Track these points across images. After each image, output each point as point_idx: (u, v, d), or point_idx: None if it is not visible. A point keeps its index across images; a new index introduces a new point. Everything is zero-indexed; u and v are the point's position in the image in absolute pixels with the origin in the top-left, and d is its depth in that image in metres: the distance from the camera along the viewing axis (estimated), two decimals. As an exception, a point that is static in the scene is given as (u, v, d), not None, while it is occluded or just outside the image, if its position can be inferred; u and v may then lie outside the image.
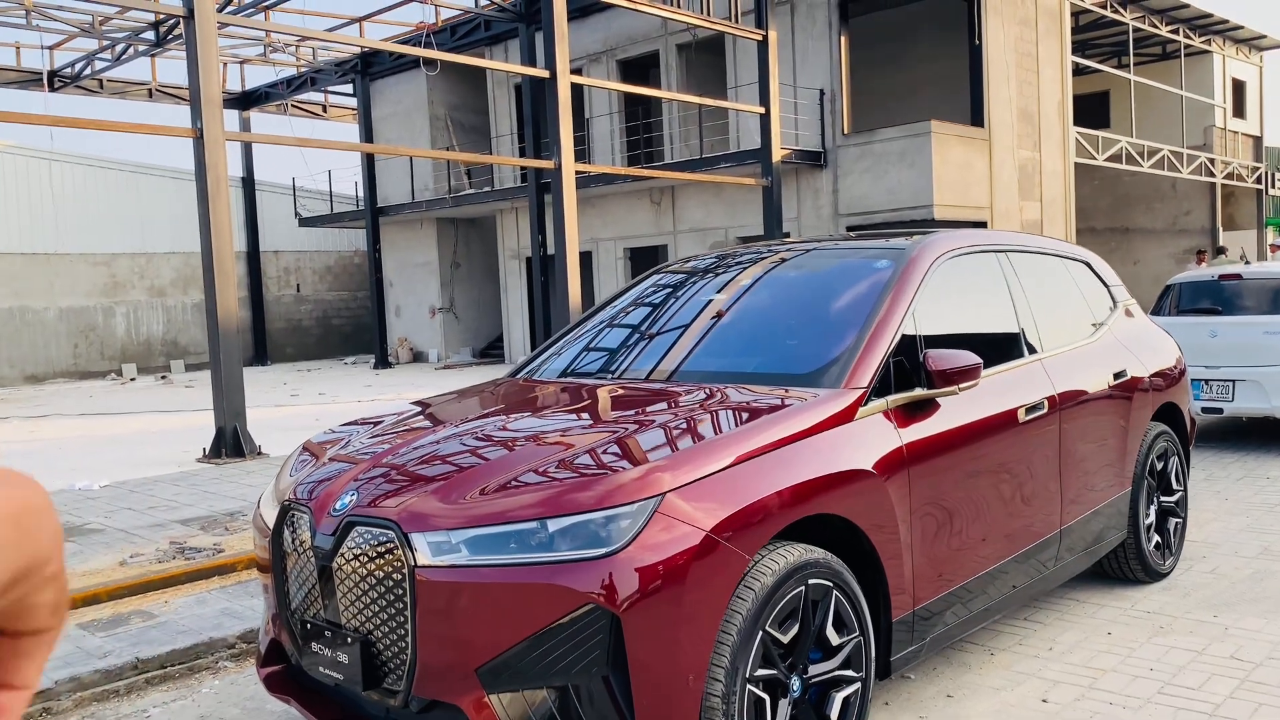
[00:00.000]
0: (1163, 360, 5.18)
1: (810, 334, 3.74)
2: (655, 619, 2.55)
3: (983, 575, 3.68)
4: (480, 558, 2.65)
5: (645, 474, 2.68)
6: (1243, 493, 6.88)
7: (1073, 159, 20.00)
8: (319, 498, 3.00)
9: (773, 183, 15.01)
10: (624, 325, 4.34)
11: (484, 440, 3.18)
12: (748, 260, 4.41)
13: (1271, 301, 8.51)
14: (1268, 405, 8.09)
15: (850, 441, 3.17)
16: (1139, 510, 4.81)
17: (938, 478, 3.42)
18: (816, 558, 2.92)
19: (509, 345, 23.29)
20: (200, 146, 8.91)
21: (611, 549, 2.55)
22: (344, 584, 2.84)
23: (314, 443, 3.66)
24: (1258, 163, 29.28)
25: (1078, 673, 3.90)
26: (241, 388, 9.33)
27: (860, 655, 3.07)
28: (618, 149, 20.38)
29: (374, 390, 17.21)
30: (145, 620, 4.73)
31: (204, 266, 9.10)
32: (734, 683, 2.67)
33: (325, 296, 28.24)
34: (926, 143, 15.84)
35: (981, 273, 4.23)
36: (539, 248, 19.56)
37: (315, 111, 26.44)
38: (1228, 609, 4.56)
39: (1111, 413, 4.58)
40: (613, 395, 3.51)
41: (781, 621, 2.82)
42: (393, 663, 2.77)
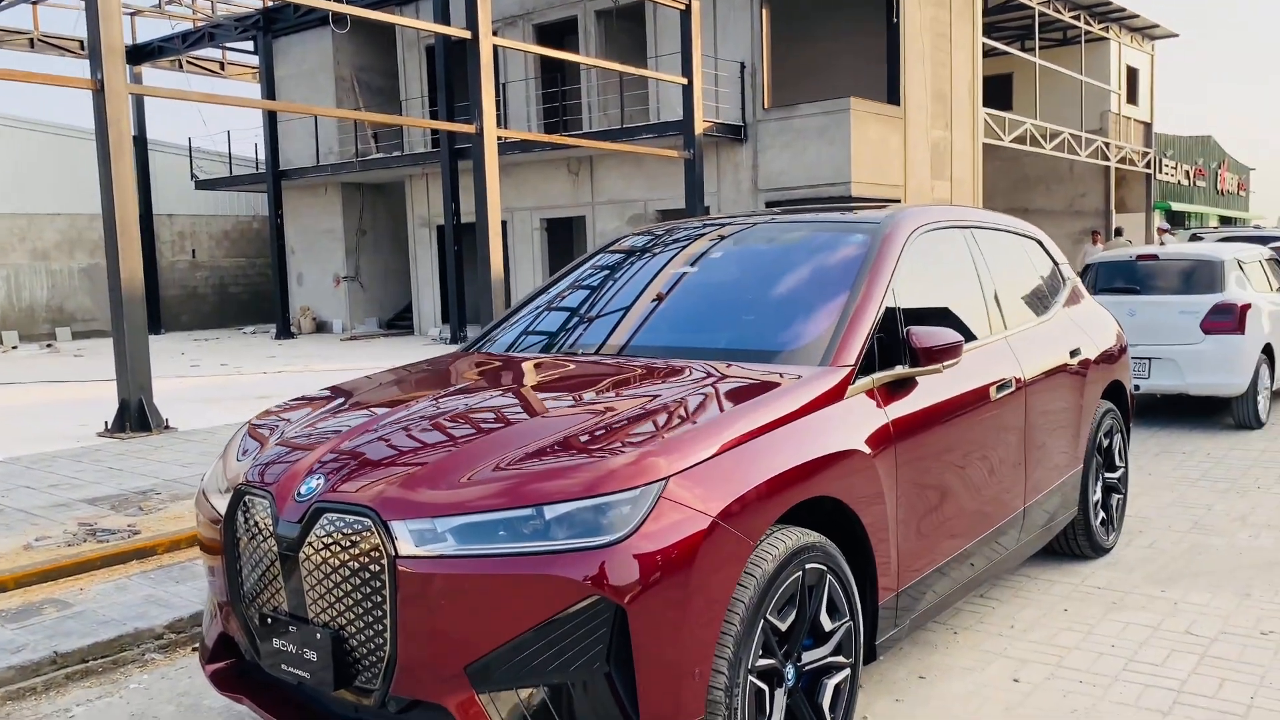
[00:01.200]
0: (1109, 339, 5.24)
1: (791, 309, 3.61)
2: (662, 610, 2.40)
3: (959, 554, 3.64)
4: (469, 547, 2.45)
5: (647, 457, 2.52)
6: (1164, 467, 7.08)
7: (981, 139, 20.43)
8: (280, 481, 2.75)
9: (695, 155, 14.89)
10: (589, 297, 4.14)
11: (461, 420, 2.96)
12: (715, 232, 4.25)
13: (1185, 281, 8.78)
14: (1182, 382, 8.35)
15: (842, 420, 3.06)
16: (1088, 487, 4.86)
17: (919, 456, 3.35)
18: (813, 541, 2.81)
19: (418, 315, 22.74)
20: (101, 100, 8.30)
21: (616, 537, 2.38)
22: (312, 575, 2.60)
23: (261, 421, 3.38)
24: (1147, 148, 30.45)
25: (1043, 651, 3.91)
26: (147, 358, 8.79)
27: (850, 640, 2.98)
28: (533, 116, 19.97)
29: (279, 361, 16.58)
30: (60, 610, 4.37)
31: (105, 230, 8.52)
32: (737, 674, 2.54)
33: (222, 263, 27.11)
34: (845, 119, 15.92)
35: (951, 249, 4.17)
36: (452, 215, 19.08)
37: (212, 69, 25.24)
38: (1173, 583, 4.64)
39: (1069, 390, 4.60)
40: (592, 372, 3.33)
41: (780, 608, 2.71)
42: (367, 660, 2.55)
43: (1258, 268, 9.26)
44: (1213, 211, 38.39)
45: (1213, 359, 8.24)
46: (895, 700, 3.52)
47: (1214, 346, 8.24)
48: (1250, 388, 8.26)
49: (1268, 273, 9.48)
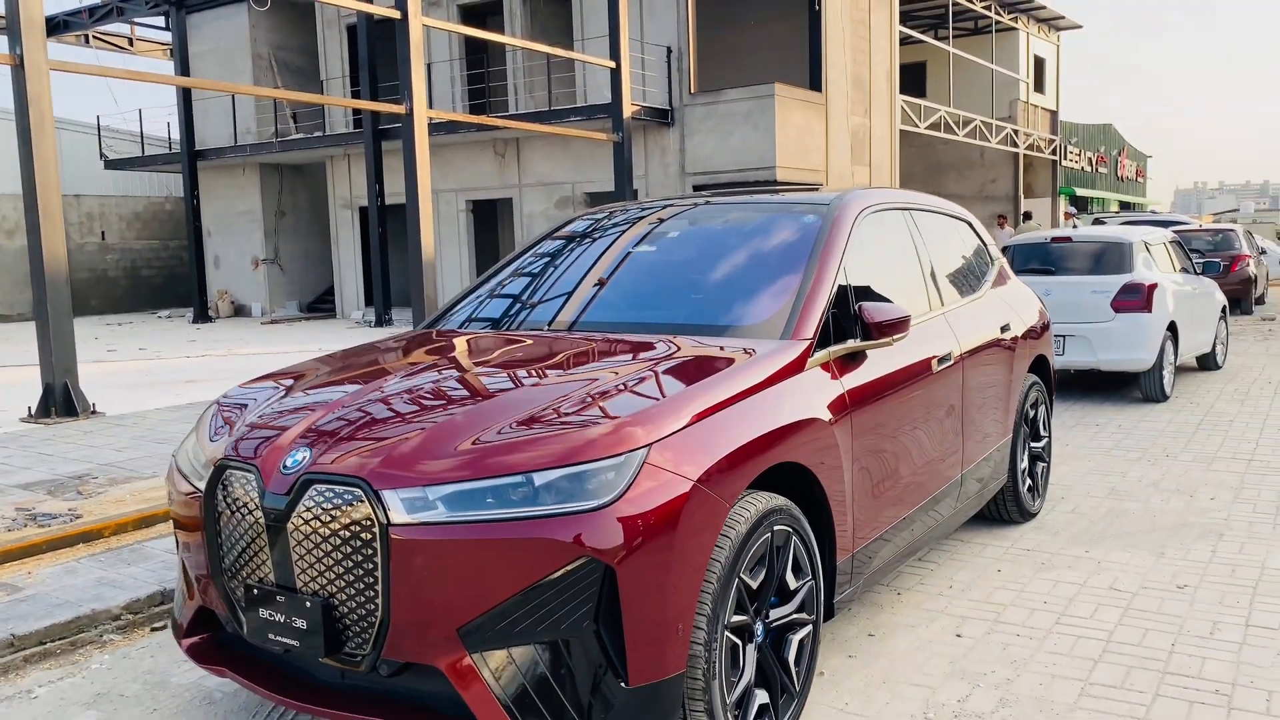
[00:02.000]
0: (1033, 316, 5.52)
1: (750, 286, 3.76)
2: (648, 570, 2.53)
3: (905, 518, 3.85)
4: (460, 514, 2.54)
5: (630, 425, 2.64)
6: (1079, 438, 7.47)
7: (898, 126, 20.94)
8: (265, 455, 2.80)
9: (623, 138, 14.98)
10: (548, 276, 4.23)
11: (439, 394, 3.05)
12: (670, 213, 4.38)
13: (1096, 263, 9.22)
14: (1094, 358, 8.78)
15: (804, 391, 3.22)
16: (1017, 455, 5.14)
17: (871, 425, 3.54)
18: (780, 504, 2.97)
19: (340, 298, 22.41)
20: (21, 76, 8.03)
21: (604, 501, 2.50)
22: (300, 545, 2.66)
23: (231, 399, 3.41)
24: (1054, 135, 31.54)
25: (981, 608, 4.15)
26: (72, 341, 8.57)
27: (812, 598, 3.16)
28: (459, 97, 19.81)
29: (200, 345, 16.22)
30: (10, 594, 4.31)
31: (26, 210, 8.25)
32: (715, 630, 2.69)
33: (133, 245, 26.27)
34: (770, 105, 16.18)
35: (893, 229, 4.37)
36: (376, 196, 18.86)
37: (120, 45, 24.38)
38: (1095, 544, 4.95)
39: (1000, 364, 4.86)
40: (563, 347, 3.43)
41: (752, 568, 2.86)
42: (356, 626, 2.63)
43: (1162, 250, 9.76)
44: (1113, 197, 39.93)
45: (1122, 336, 8.69)
46: (849, 656, 3.72)
47: (1123, 324, 8.69)
48: (1157, 363, 8.73)
49: (1171, 254, 10.00)
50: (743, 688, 2.84)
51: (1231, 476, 6.19)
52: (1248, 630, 3.84)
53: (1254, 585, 4.32)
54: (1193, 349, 9.91)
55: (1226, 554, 4.74)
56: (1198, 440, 7.28)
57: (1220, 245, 16.54)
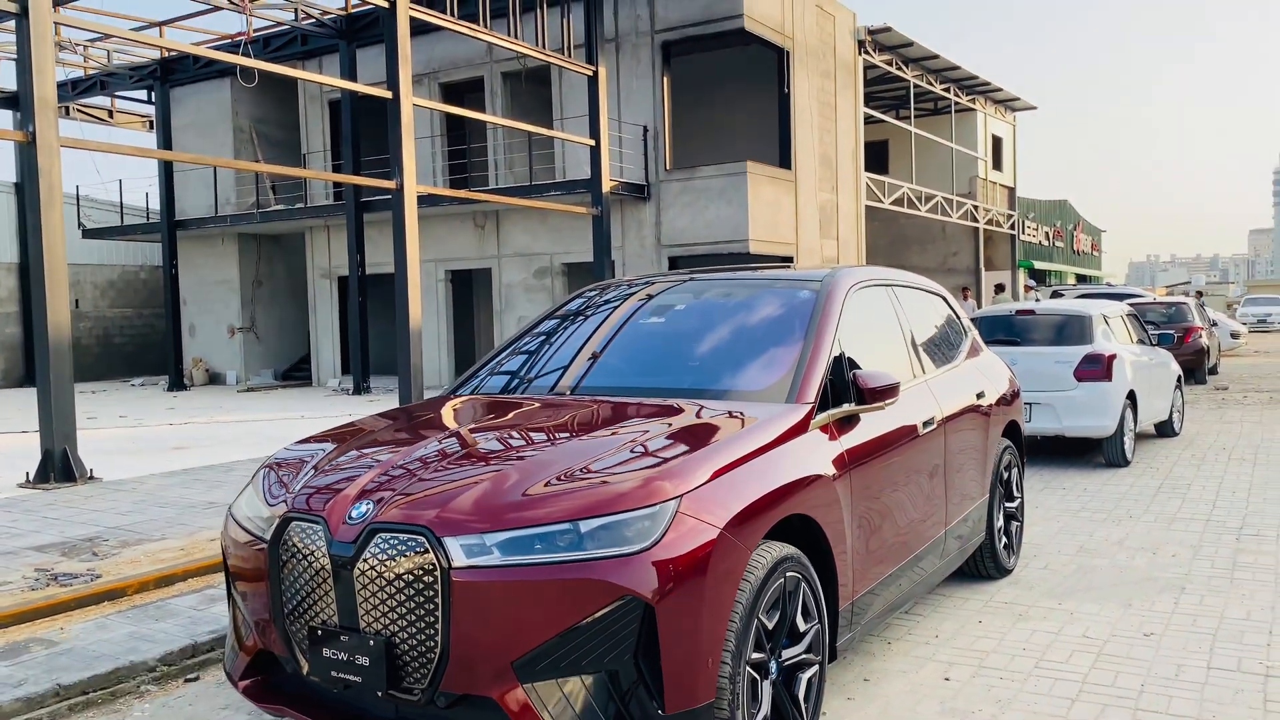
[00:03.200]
0: (1004, 384, 5.94)
1: (754, 354, 4.14)
2: (682, 608, 2.84)
3: (898, 569, 4.18)
4: (513, 558, 2.85)
5: (662, 478, 2.98)
6: (1049, 501, 7.87)
7: (864, 201, 21.72)
8: (330, 508, 3.10)
9: (603, 212, 15.50)
10: (564, 345, 4.59)
11: (485, 452, 3.37)
12: (674, 288, 4.77)
13: (1059, 334, 9.74)
14: (1059, 425, 9.24)
15: (809, 450, 3.58)
16: (993, 514, 5.51)
17: (868, 482, 3.90)
18: (791, 553, 3.30)
19: (317, 366, 22.58)
20: (32, 152, 8.35)
21: (644, 546, 2.83)
22: (365, 589, 2.95)
23: (283, 459, 3.70)
24: (1012, 210, 32.66)
25: (966, 655, 4.48)
26: (73, 408, 8.76)
27: (818, 640, 3.47)
28: (439, 171, 20.32)
29: (180, 413, 16.31)
30: (49, 648, 4.50)
31: (34, 280, 8.50)
32: (739, 665, 3.00)
33: (107, 313, 26.33)
34: (743, 181, 16.82)
35: (879, 303, 4.78)
36: (357, 267, 19.19)
37: (100, 117, 24.74)
38: (1068, 597, 5.30)
39: (977, 429, 5.25)
40: (591, 410, 3.77)
41: (768, 610, 3.18)
42: (416, 663, 2.91)
43: (1120, 322, 10.32)
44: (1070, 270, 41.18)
45: (1085, 404, 9.16)
46: (848, 699, 4.02)
47: (1086, 393, 9.17)
48: (1118, 429, 9.20)
49: (1128, 326, 10.57)
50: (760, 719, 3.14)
51: (1191, 535, 6.60)
52: (1209, 672, 4.19)
53: (1214, 633, 4.68)
54: (1151, 416, 10.42)
55: (1188, 606, 5.11)
56: (1158, 502, 7.70)
57: (1174, 317, 17.27)
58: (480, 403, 4.19)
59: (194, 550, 6.18)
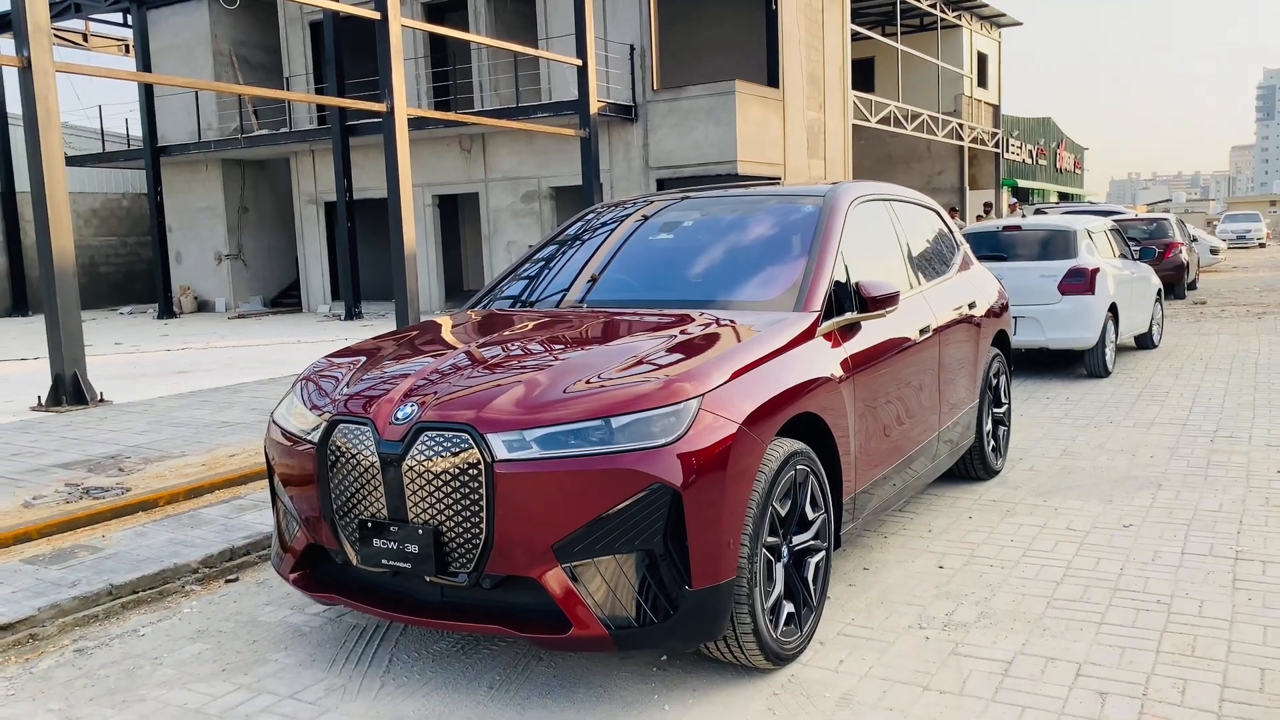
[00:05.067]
0: (994, 296, 6.19)
1: (764, 266, 4.35)
2: (706, 495, 3.11)
3: (895, 466, 4.47)
4: (550, 452, 3.09)
5: (684, 379, 3.22)
6: (1032, 409, 8.19)
7: (851, 120, 21.72)
8: (376, 410, 3.33)
9: (590, 134, 15.51)
10: (579, 261, 4.79)
11: (517, 358, 3.59)
12: (683, 205, 4.96)
13: (1044, 249, 9.98)
14: (1043, 338, 9.53)
15: (816, 354, 3.82)
16: (982, 419, 5.80)
17: (868, 385, 4.15)
18: (801, 448, 3.56)
19: (306, 293, 22.64)
20: (29, 77, 8.36)
21: (671, 439, 3.07)
22: (414, 483, 3.20)
23: (319, 371, 3.91)
24: (996, 128, 32.65)
25: (958, 547, 4.80)
26: (80, 332, 8.91)
27: (825, 529, 3.76)
28: (424, 94, 20.16)
29: (175, 339, 16.44)
30: (94, 554, 4.76)
31: (34, 206, 8.58)
32: (756, 547, 3.28)
33: (91, 242, 26.20)
34: (731, 101, 16.82)
35: (878, 217, 4.99)
36: (344, 192, 19.17)
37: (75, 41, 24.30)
38: (1052, 495, 5.63)
39: (968, 337, 5.51)
40: (611, 319, 3.99)
41: (781, 499, 3.45)
42: (461, 549, 3.17)
43: (1103, 237, 10.56)
44: (1053, 188, 41.33)
45: (1068, 317, 9.44)
46: (849, 585, 4.33)
47: (1069, 306, 9.45)
48: (1100, 341, 9.50)
49: (1111, 241, 10.81)
50: (775, 597, 3.43)
51: (1168, 439, 6.93)
52: (1184, 556, 4.52)
53: (1188, 523, 5.02)
54: (1131, 329, 10.73)
55: (1164, 500, 5.44)
56: (1138, 409, 8.03)
57: (1155, 234, 17.54)
58: (501, 316, 4.40)
59: (215, 465, 6.42)
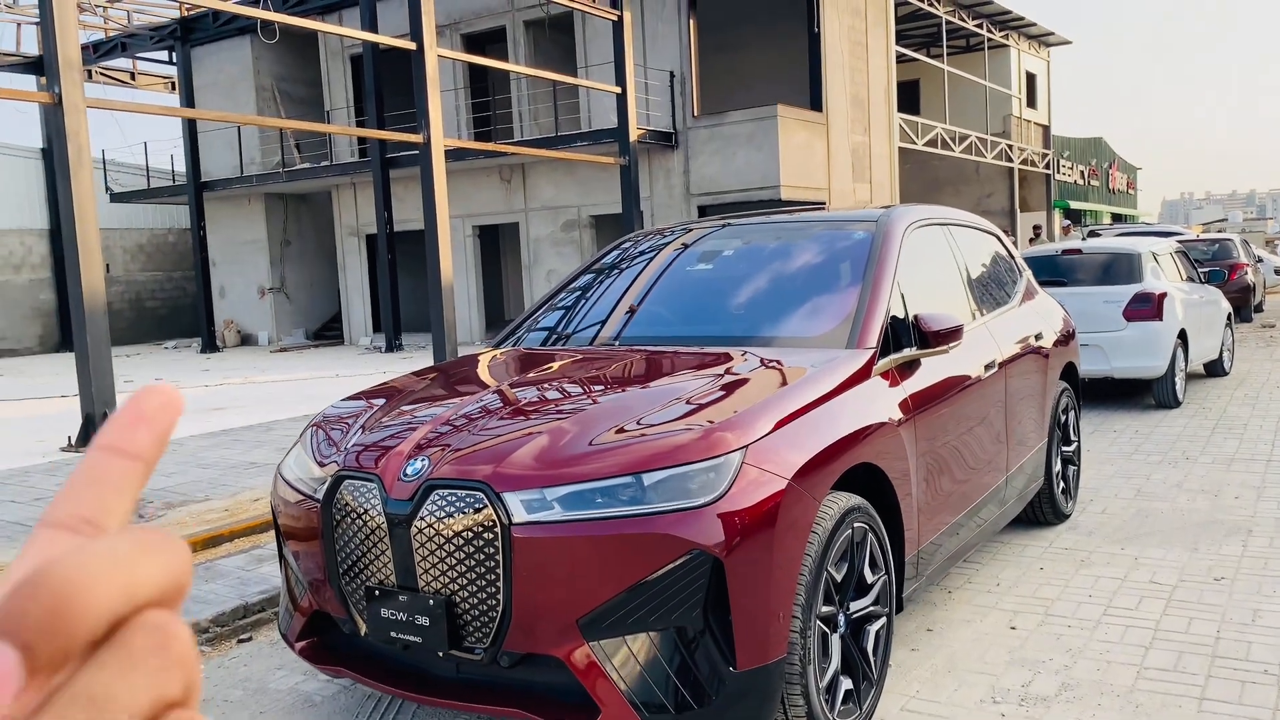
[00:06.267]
0: (1061, 324, 5.75)
1: (813, 298, 3.99)
2: (752, 561, 2.73)
3: (961, 516, 4.06)
4: (575, 513, 2.74)
5: (725, 429, 2.85)
6: (1099, 444, 7.69)
7: (896, 143, 21.28)
8: (384, 465, 3.00)
9: (630, 162, 15.25)
10: (610, 295, 4.46)
11: (540, 405, 3.26)
12: (722, 232, 4.61)
13: (1107, 273, 9.47)
14: (1107, 366, 9.01)
15: (872, 397, 3.44)
16: (1051, 459, 5.36)
17: (931, 428, 3.75)
18: (858, 503, 3.17)
19: (348, 325, 22.60)
20: (59, 114, 8.25)
21: (711, 498, 2.71)
22: (423, 547, 2.86)
23: (330, 417, 3.61)
24: (1047, 149, 31.96)
25: (1030, 604, 4.35)
26: (111, 372, 8.74)
27: (886, 592, 3.36)
28: (464, 124, 20.10)
29: (215, 374, 16.38)
30: (100, 611, 4.49)
31: (66, 243, 8.45)
32: (809, 619, 2.89)
33: (138, 277, 26.46)
34: (773, 126, 16.48)
35: (935, 243, 4.60)
36: (385, 224, 19.09)
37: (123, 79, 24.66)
38: (1130, 543, 5.16)
39: (1036, 371, 5.08)
40: (644, 360, 3.64)
41: (836, 562, 3.06)
42: (477, 622, 2.82)
43: (1169, 259, 10.02)
44: (1105, 209, 40.41)
45: (1135, 344, 8.93)
46: (912, 650, 3.91)
47: (1135, 333, 8.93)
48: (1169, 370, 8.96)
49: (1177, 264, 10.26)
50: (831, 674, 3.04)
51: (1252, 476, 6.41)
52: (1287, 616, 4.05)
53: (1288, 575, 4.53)
54: (1201, 356, 10.16)
55: (1257, 548, 4.95)
56: (1214, 443, 7.50)
57: (1218, 254, 16.85)
58: (527, 355, 4.07)
59: (238, 511, 6.16)
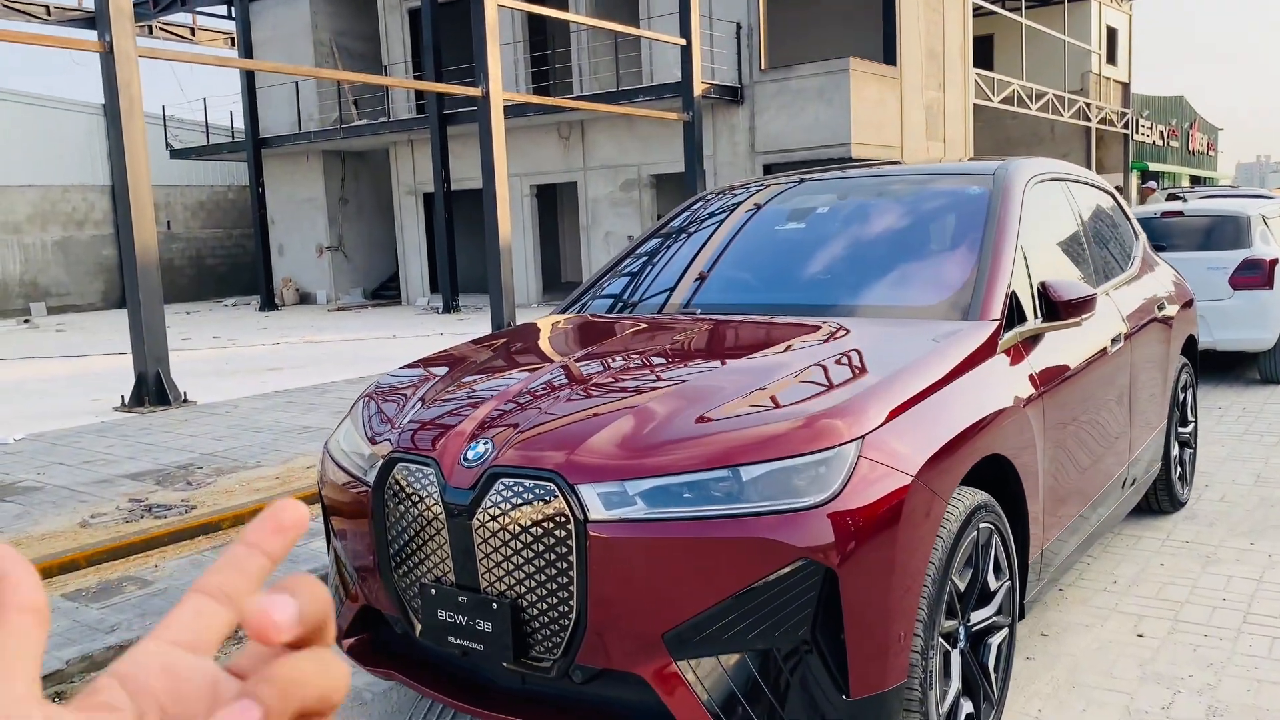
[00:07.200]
0: (1181, 292, 5.21)
1: (921, 264, 3.53)
2: (869, 572, 2.32)
3: (1086, 508, 3.60)
4: (661, 510, 2.35)
5: (839, 412, 2.43)
6: (1206, 423, 7.10)
7: (972, 100, 20.40)
8: (442, 447, 2.63)
9: (694, 117, 14.71)
10: (692, 255, 4.02)
11: (619, 382, 2.85)
12: (816, 187, 4.15)
13: (1211, 238, 8.79)
14: (1211, 338, 8.36)
15: (999, 376, 2.99)
16: (1170, 441, 4.85)
17: (1059, 412, 3.29)
18: (984, 500, 2.74)
19: (405, 285, 22.44)
20: (110, 63, 7.99)
21: (822, 498, 2.29)
22: (486, 543, 2.49)
23: (385, 388, 3.25)
24: (1126, 108, 30.63)
25: (1155, 606, 3.89)
26: (164, 329, 8.56)
27: (1009, 599, 2.93)
28: (522, 79, 19.66)
29: (273, 333, 16.28)
30: (141, 588, 4.22)
31: (118, 196, 8.24)
32: (931, 636, 2.48)
33: (198, 234, 26.55)
34: (845, 80, 15.80)
35: (1056, 200, 4.10)
36: (442, 182, 18.78)
37: (183, 35, 24.57)
38: (1260, 536, 4.64)
39: (1159, 345, 4.57)
40: (736, 331, 3.22)
41: (961, 569, 2.64)
42: (546, 630, 2.45)
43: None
44: (1184, 171, 38.78)
45: (1241, 314, 8.27)
46: (1027, 658, 3.48)
47: (1242, 302, 8.27)
48: (1278, 343, 8.30)
49: (1286, 228, 9.51)
50: (952, 697, 2.63)
51: (1386, 462, 5.83)
52: None
53: None
54: (1310, 327, 9.44)
55: None
56: (1335, 423, 6.89)
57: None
58: (598, 323, 3.66)
59: (289, 478, 5.89)
